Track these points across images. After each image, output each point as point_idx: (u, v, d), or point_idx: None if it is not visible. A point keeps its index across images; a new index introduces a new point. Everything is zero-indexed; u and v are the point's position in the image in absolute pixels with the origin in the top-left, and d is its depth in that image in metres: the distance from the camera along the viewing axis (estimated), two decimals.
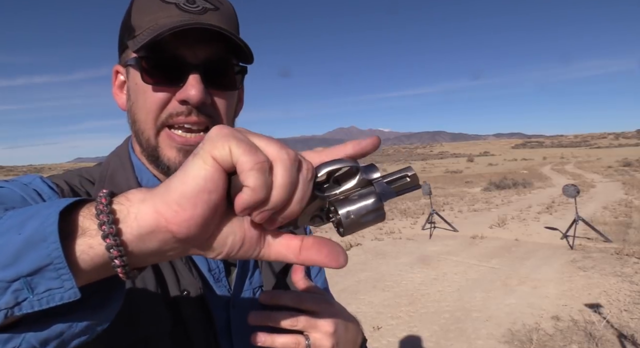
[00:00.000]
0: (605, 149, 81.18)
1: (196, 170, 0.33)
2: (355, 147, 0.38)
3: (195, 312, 0.64)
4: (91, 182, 0.69)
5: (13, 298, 0.31)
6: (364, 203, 0.38)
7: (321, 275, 0.94)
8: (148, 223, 0.33)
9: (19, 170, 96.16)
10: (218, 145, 0.33)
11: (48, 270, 0.31)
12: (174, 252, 0.36)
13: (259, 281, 0.75)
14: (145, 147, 0.67)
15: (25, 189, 0.58)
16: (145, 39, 0.59)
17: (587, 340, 3.72)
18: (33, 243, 0.31)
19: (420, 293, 5.27)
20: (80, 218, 0.34)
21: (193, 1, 0.64)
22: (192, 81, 0.61)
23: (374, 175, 0.39)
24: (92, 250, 0.33)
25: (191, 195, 0.32)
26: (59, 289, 0.32)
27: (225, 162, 0.33)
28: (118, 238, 0.32)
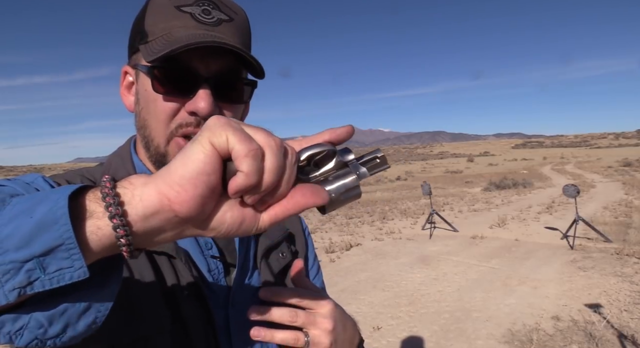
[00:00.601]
0: (605, 149, 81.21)
1: (196, 154, 0.35)
2: (331, 134, 0.42)
3: (194, 311, 0.64)
4: (93, 181, 0.69)
5: (26, 278, 0.33)
6: (342, 183, 0.42)
7: (319, 276, 0.95)
8: (152, 203, 0.36)
9: (19, 170, 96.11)
10: (216, 133, 0.36)
11: (60, 250, 0.33)
12: (175, 231, 0.38)
13: (258, 281, 0.75)
14: (154, 153, 0.68)
15: (28, 188, 0.58)
16: (161, 51, 0.59)
17: (587, 340, 3.72)
18: (45, 225, 0.33)
19: (420, 294, 5.27)
20: (87, 202, 0.36)
21: (209, 12, 0.64)
22: (202, 94, 0.62)
23: (349, 158, 0.43)
24: (100, 231, 0.35)
25: (191, 176, 0.35)
26: (69, 268, 0.34)
27: (222, 149, 0.35)
28: (124, 219, 0.35)
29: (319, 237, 8.97)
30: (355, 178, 0.42)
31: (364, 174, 0.43)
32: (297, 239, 0.89)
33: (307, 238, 0.93)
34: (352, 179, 0.42)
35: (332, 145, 0.41)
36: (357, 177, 0.42)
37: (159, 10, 0.64)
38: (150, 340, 0.59)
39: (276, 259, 0.79)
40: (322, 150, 0.41)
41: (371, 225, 10.45)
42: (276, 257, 0.80)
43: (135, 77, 0.69)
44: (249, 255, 0.76)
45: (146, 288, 0.61)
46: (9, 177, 0.61)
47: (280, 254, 0.81)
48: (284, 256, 0.81)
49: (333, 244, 8.04)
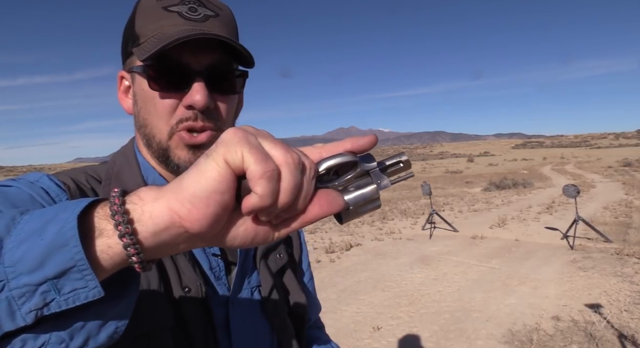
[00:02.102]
0: (606, 149, 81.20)
1: (209, 171, 0.34)
2: (354, 144, 0.40)
3: (195, 308, 0.65)
4: (97, 179, 0.70)
5: (42, 300, 0.33)
6: (361, 193, 0.40)
7: (312, 282, 0.97)
8: (162, 220, 0.35)
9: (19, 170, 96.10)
10: (231, 150, 0.34)
11: (72, 272, 0.33)
12: (186, 244, 0.38)
13: (257, 281, 0.77)
14: (156, 149, 0.69)
15: (33, 187, 0.59)
16: (153, 48, 0.61)
17: (587, 341, 3.72)
18: (56, 247, 0.33)
19: (420, 294, 5.27)
20: (95, 219, 0.35)
21: (195, 9, 0.66)
22: (196, 87, 0.64)
23: (370, 165, 0.41)
24: (111, 250, 0.35)
25: (204, 195, 0.34)
26: (84, 289, 0.34)
27: (237, 167, 0.34)
28: (134, 237, 0.34)
29: (319, 237, 8.98)
30: (375, 189, 0.41)
31: (386, 185, 0.41)
32: (294, 241, 0.91)
33: (302, 241, 0.94)
34: (372, 190, 0.40)
35: (354, 155, 0.40)
36: (377, 188, 0.41)
37: (147, 13, 0.66)
38: (152, 337, 0.60)
39: (274, 260, 0.81)
40: (342, 162, 0.39)
41: (371, 225, 10.45)
42: (274, 257, 0.81)
43: (132, 80, 0.71)
44: (249, 254, 0.78)
45: (149, 284, 0.62)
46: (9, 176, 0.61)
47: (277, 255, 0.82)
48: (281, 257, 0.83)
49: (333, 244, 8.04)
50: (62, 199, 0.61)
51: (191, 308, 0.64)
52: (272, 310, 0.76)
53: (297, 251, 0.90)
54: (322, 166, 0.39)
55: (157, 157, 0.70)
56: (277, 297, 0.77)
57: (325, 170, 0.39)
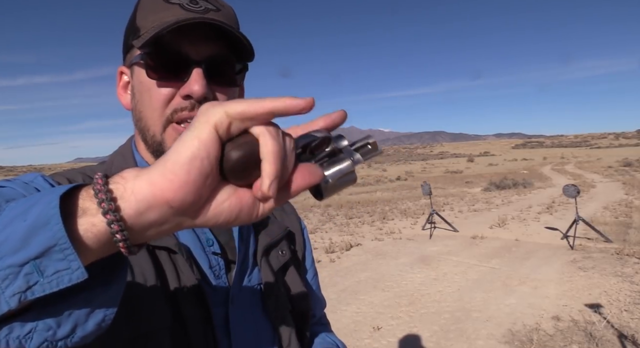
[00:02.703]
0: (606, 149, 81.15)
1: (189, 140, 0.34)
2: (326, 120, 0.41)
3: (194, 307, 0.64)
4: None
5: (25, 282, 0.33)
6: (338, 168, 0.42)
7: (315, 279, 0.96)
8: (144, 196, 0.34)
9: (19, 170, 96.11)
10: (210, 112, 0.35)
11: (54, 251, 0.33)
12: (172, 223, 0.37)
13: (258, 278, 0.76)
14: (151, 142, 0.68)
15: (27, 188, 0.58)
16: (150, 33, 0.61)
17: (587, 341, 3.71)
18: (38, 227, 0.33)
19: (420, 294, 5.27)
20: (79, 200, 0.35)
21: (196, 2, 0.66)
22: (195, 76, 0.63)
23: (343, 144, 0.43)
24: (95, 227, 0.34)
25: (184, 162, 0.34)
26: (67, 270, 0.33)
27: (222, 125, 0.34)
28: (117, 214, 0.34)
29: (319, 237, 8.97)
30: (350, 164, 0.42)
31: (359, 160, 0.43)
32: (297, 238, 0.90)
33: (305, 238, 0.93)
34: (347, 164, 0.42)
35: (327, 132, 0.41)
36: (352, 162, 0.42)
37: (148, 7, 0.67)
38: (150, 337, 0.59)
39: (276, 257, 0.80)
40: (318, 138, 0.40)
41: (371, 225, 10.44)
42: (276, 254, 0.80)
43: (131, 74, 0.71)
44: (249, 252, 0.77)
45: (147, 284, 0.62)
46: (9, 176, 0.61)
47: (280, 252, 0.81)
48: (283, 254, 0.82)
49: (333, 244, 8.04)
50: None
51: (190, 307, 0.64)
52: (273, 308, 0.75)
53: (300, 248, 0.89)
54: (300, 143, 0.40)
55: (152, 151, 0.69)
56: (279, 295, 0.76)
57: (302, 149, 0.40)
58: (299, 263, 0.87)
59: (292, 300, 0.80)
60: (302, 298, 0.81)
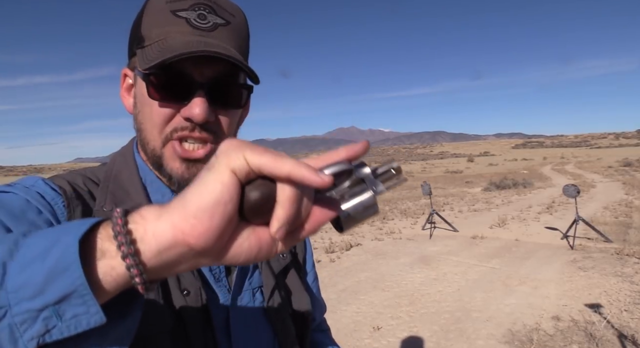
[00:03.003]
0: (606, 149, 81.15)
1: (211, 182, 0.34)
2: (348, 152, 0.40)
3: (194, 311, 0.64)
4: (95, 182, 0.69)
5: (43, 326, 0.33)
6: (359, 201, 0.41)
7: (316, 282, 0.95)
8: (166, 239, 0.34)
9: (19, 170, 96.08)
10: (232, 156, 0.34)
11: (73, 297, 0.33)
12: (190, 263, 0.37)
13: (259, 281, 0.75)
14: (151, 155, 0.68)
15: (29, 192, 0.59)
16: (154, 59, 0.60)
17: (587, 340, 3.72)
18: (57, 273, 0.32)
19: (420, 294, 5.27)
20: (98, 240, 0.35)
21: (204, 16, 0.64)
22: (197, 101, 0.62)
23: (364, 172, 0.42)
24: (114, 271, 0.34)
25: (208, 208, 0.33)
26: (85, 314, 0.33)
27: (242, 171, 0.34)
28: (137, 258, 0.34)
29: (319, 237, 8.97)
30: (372, 196, 0.41)
31: (381, 190, 0.42)
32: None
33: (306, 241, 0.93)
34: (369, 197, 0.41)
35: (349, 163, 0.40)
36: (374, 194, 0.41)
37: (155, 15, 0.65)
38: (150, 341, 0.59)
39: (277, 259, 0.79)
40: (339, 171, 0.39)
41: (371, 225, 10.44)
42: (277, 257, 0.80)
43: (134, 79, 0.70)
44: None
45: None
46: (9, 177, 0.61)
47: (281, 255, 0.81)
48: (284, 257, 0.81)
49: (333, 244, 8.03)
50: (58, 203, 0.60)
51: (190, 311, 0.64)
52: (274, 312, 0.74)
53: (301, 251, 0.89)
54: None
55: (152, 163, 0.69)
56: (279, 298, 0.76)
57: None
58: (299, 267, 0.87)
59: (293, 304, 0.79)
60: (302, 302, 0.80)
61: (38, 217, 0.57)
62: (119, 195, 0.67)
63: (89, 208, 0.63)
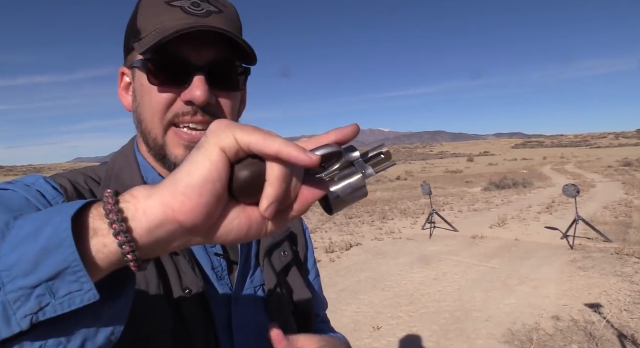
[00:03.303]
0: (606, 149, 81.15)
1: (201, 161, 0.34)
2: (337, 134, 0.40)
3: (196, 309, 0.64)
4: (96, 181, 0.69)
5: (37, 304, 0.33)
6: (348, 183, 0.41)
7: (317, 280, 0.96)
8: (156, 216, 0.35)
9: (19, 170, 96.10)
10: (222, 135, 0.35)
11: (67, 273, 0.33)
12: (181, 241, 0.37)
13: (261, 280, 0.76)
14: (153, 146, 0.68)
15: (29, 191, 0.58)
16: (152, 41, 0.60)
17: (587, 340, 3.72)
18: (50, 249, 0.33)
19: (420, 294, 5.27)
20: (90, 220, 0.35)
21: (198, 4, 0.65)
22: (197, 82, 0.63)
23: (354, 156, 0.43)
24: (107, 248, 0.35)
25: (197, 185, 0.34)
26: (79, 292, 0.33)
27: (231, 149, 0.35)
28: (129, 235, 0.34)
29: (319, 237, 8.97)
30: (361, 178, 0.42)
31: (370, 173, 0.43)
32: (299, 239, 0.90)
33: (307, 239, 0.93)
34: (358, 179, 0.42)
35: (339, 146, 0.40)
36: (363, 177, 0.42)
37: (150, 8, 0.66)
38: (152, 340, 0.59)
39: (278, 258, 0.80)
40: (328, 152, 0.39)
41: (371, 225, 10.44)
42: (278, 255, 0.80)
43: (132, 76, 0.70)
44: (251, 253, 0.77)
45: (148, 286, 0.61)
46: (9, 177, 0.61)
47: (282, 253, 0.81)
48: (285, 255, 0.81)
49: (333, 244, 8.04)
50: (59, 202, 0.60)
51: (191, 309, 0.64)
52: (276, 310, 0.75)
53: (302, 249, 0.89)
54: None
55: (155, 155, 0.69)
56: (281, 296, 0.76)
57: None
58: (301, 265, 0.87)
59: (295, 301, 0.79)
60: (304, 300, 0.80)
61: None
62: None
63: None
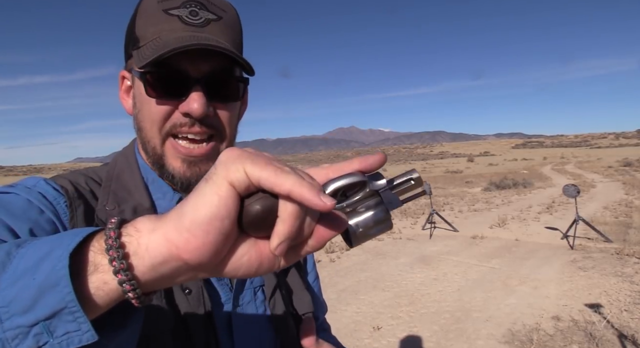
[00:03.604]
0: (606, 149, 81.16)
1: (209, 196, 0.32)
2: (361, 163, 0.38)
3: (196, 310, 0.64)
4: (97, 182, 0.69)
5: (34, 342, 0.32)
6: (371, 215, 0.38)
7: (317, 282, 0.96)
8: (159, 253, 0.33)
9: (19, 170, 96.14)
10: (232, 168, 0.33)
11: (63, 313, 0.32)
12: (185, 277, 0.36)
13: (260, 280, 0.76)
14: (152, 154, 0.68)
15: (30, 193, 0.59)
16: (151, 55, 0.60)
17: (587, 340, 3.72)
18: (47, 288, 0.32)
19: (420, 294, 5.27)
20: (91, 253, 0.34)
21: (196, 13, 0.65)
22: (194, 96, 0.63)
23: (379, 184, 0.39)
24: (107, 286, 0.33)
25: (203, 222, 0.32)
26: (77, 332, 0.32)
27: (241, 184, 0.32)
28: (130, 273, 0.33)
29: None
30: (385, 210, 0.38)
31: (397, 205, 0.39)
32: None
33: None
34: (381, 211, 0.38)
35: (362, 175, 0.37)
36: (387, 209, 0.38)
37: (148, 15, 0.65)
38: (152, 340, 0.59)
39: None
40: (350, 183, 0.37)
41: None
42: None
43: (132, 80, 0.70)
44: None
45: None
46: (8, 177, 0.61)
47: None
48: None
49: (333, 244, 8.03)
50: (60, 202, 0.61)
51: (191, 310, 0.64)
52: (275, 311, 0.75)
53: None
54: (329, 188, 0.37)
55: (153, 163, 0.69)
56: (280, 297, 0.76)
57: (333, 192, 0.37)
58: (300, 266, 0.87)
59: (294, 303, 0.79)
60: (303, 301, 0.80)
61: (40, 216, 0.57)
62: (121, 194, 0.67)
63: (90, 208, 0.64)
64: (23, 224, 0.54)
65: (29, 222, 0.55)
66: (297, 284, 0.81)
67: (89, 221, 0.62)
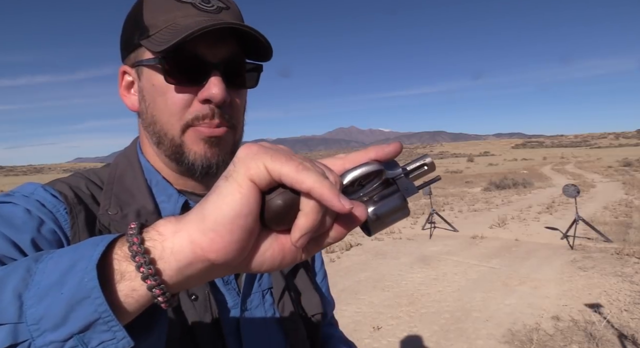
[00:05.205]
0: (606, 149, 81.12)
1: (230, 194, 0.32)
2: (378, 152, 0.38)
3: (203, 316, 0.63)
4: (98, 185, 0.67)
5: None
6: (389, 203, 0.39)
7: (325, 281, 0.94)
8: (185, 255, 0.33)
9: (19, 170, 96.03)
10: (251, 164, 0.32)
11: (98, 324, 0.32)
12: (212, 275, 0.36)
13: (268, 283, 0.74)
14: (169, 146, 0.66)
15: (29, 201, 0.57)
16: (169, 40, 0.58)
17: (587, 340, 3.72)
18: (77, 301, 0.31)
19: (420, 294, 5.27)
20: (115, 261, 0.34)
21: (208, 0, 0.65)
22: (214, 80, 0.62)
23: (395, 172, 0.39)
24: (136, 292, 0.33)
25: (227, 221, 0.32)
26: (112, 340, 0.32)
27: (262, 181, 0.32)
28: (159, 278, 0.33)
29: None
30: (402, 197, 0.39)
31: (413, 192, 0.39)
32: None
33: None
34: (398, 198, 0.39)
35: (379, 164, 0.37)
36: (404, 196, 0.39)
37: (157, 4, 0.64)
38: None
39: None
40: (367, 172, 0.37)
41: None
42: None
43: (137, 74, 0.67)
44: None
45: None
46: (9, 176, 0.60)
47: None
48: None
49: (333, 244, 8.03)
50: (60, 210, 0.59)
51: (198, 317, 0.62)
52: (284, 313, 0.73)
53: None
54: (346, 178, 0.37)
55: (169, 154, 0.67)
56: (290, 299, 0.75)
57: (350, 182, 0.37)
58: (308, 266, 0.85)
59: (303, 304, 0.78)
60: (312, 302, 0.79)
61: (41, 226, 0.55)
62: (123, 197, 0.65)
63: (92, 213, 0.62)
64: (24, 235, 0.52)
65: (30, 232, 0.53)
66: (305, 285, 0.80)
67: (91, 227, 0.60)
